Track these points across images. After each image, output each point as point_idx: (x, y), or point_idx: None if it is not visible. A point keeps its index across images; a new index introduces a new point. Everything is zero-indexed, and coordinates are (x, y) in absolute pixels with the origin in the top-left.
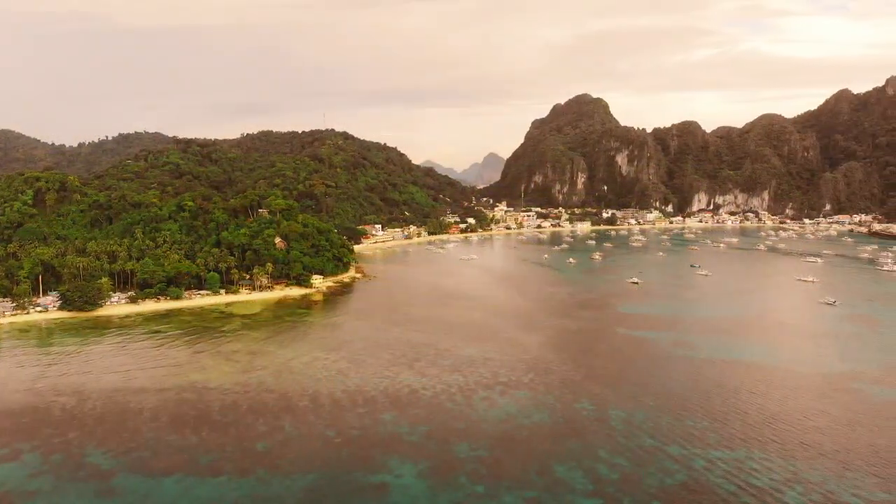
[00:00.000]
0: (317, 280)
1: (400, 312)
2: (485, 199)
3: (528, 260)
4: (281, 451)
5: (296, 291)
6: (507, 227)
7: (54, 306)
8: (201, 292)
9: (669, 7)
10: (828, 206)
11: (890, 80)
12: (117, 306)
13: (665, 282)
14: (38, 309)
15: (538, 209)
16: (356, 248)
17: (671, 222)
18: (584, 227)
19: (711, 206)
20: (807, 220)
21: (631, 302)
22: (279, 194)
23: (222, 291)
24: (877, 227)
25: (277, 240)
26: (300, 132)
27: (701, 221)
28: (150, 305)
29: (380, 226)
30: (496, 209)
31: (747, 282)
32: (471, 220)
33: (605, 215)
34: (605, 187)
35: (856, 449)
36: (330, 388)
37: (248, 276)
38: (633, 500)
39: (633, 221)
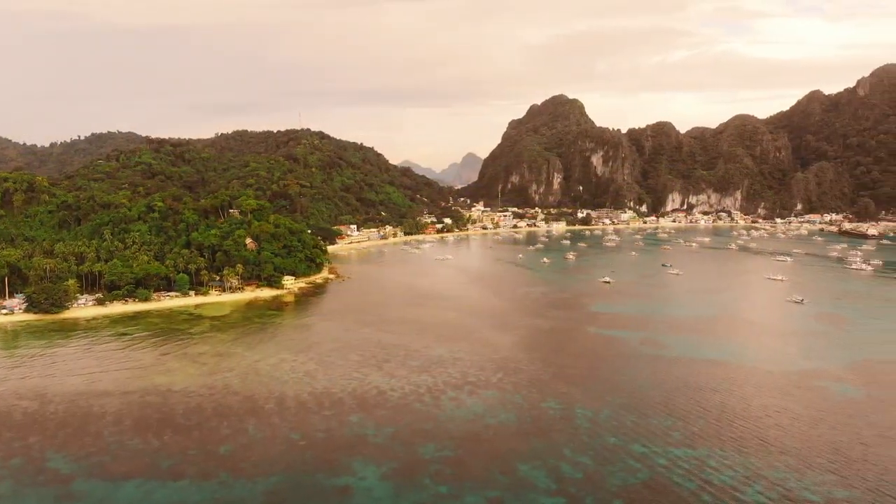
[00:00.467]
0: (288, 281)
1: (372, 313)
2: (462, 199)
3: (503, 260)
4: (244, 454)
5: (266, 293)
6: (484, 228)
7: (20, 309)
8: (170, 294)
9: (648, 8)
10: (799, 206)
11: (860, 81)
12: (84, 308)
13: (636, 281)
14: (4, 311)
15: (515, 209)
16: (331, 248)
17: (645, 222)
18: (559, 227)
19: (685, 206)
20: (778, 220)
21: (602, 301)
22: (251, 194)
23: (192, 293)
24: (847, 226)
25: (248, 240)
26: (275, 132)
27: (674, 221)
28: (117, 307)
29: (355, 226)
30: (473, 209)
31: (717, 281)
32: (447, 221)
33: (580, 215)
34: (581, 187)
35: (817, 447)
36: (296, 391)
37: (218, 278)
38: (596, 500)
39: (607, 221)
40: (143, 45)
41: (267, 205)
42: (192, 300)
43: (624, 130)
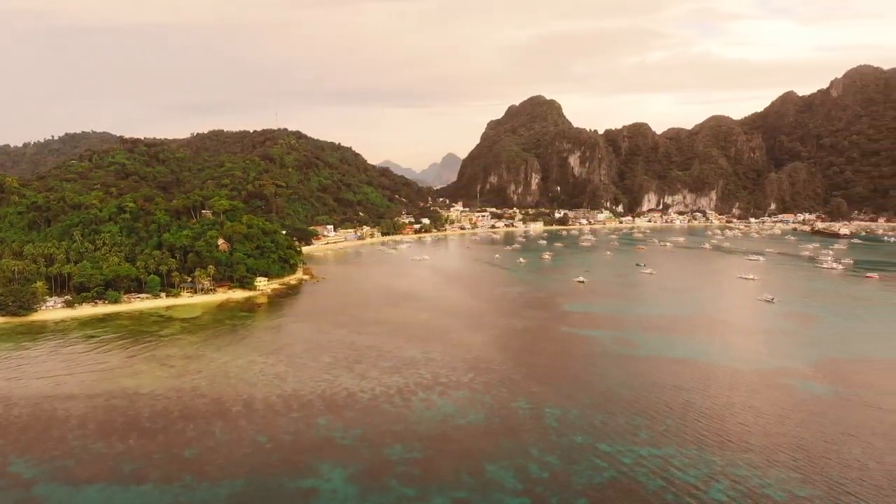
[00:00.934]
0: (261, 282)
1: (346, 314)
2: (441, 199)
3: (480, 260)
4: (209, 457)
5: (239, 294)
6: (462, 228)
7: None
8: (141, 296)
9: (626, 10)
10: (773, 206)
11: (833, 82)
12: (53, 311)
13: (610, 280)
14: None
15: (493, 209)
16: (307, 249)
17: (621, 222)
18: (536, 228)
19: (661, 206)
20: (752, 220)
21: (576, 301)
22: (223, 195)
23: (163, 295)
24: (819, 225)
25: (220, 241)
26: (252, 131)
27: (650, 221)
28: (86, 310)
29: (332, 226)
30: (452, 210)
31: (690, 280)
32: (425, 221)
33: (557, 215)
34: (559, 188)
35: (782, 444)
36: (265, 393)
37: (189, 279)
38: (561, 499)
39: (584, 221)
40: (119, 44)
41: (240, 205)
42: (163, 302)
43: (601, 131)
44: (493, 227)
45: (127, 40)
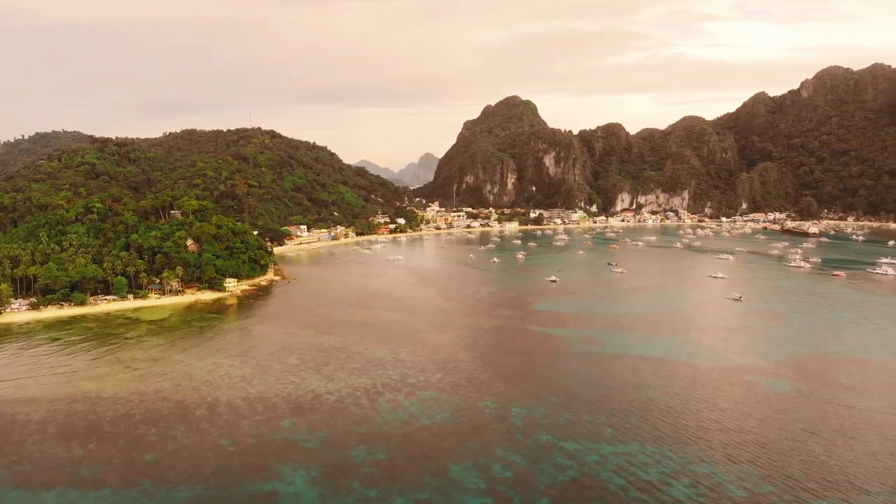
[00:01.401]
0: (231, 283)
1: (316, 315)
2: (418, 199)
3: (454, 260)
4: (170, 461)
5: (208, 296)
6: (437, 228)
7: None
8: (108, 297)
9: (604, 11)
10: (744, 205)
11: (804, 83)
12: (17, 313)
13: (582, 280)
14: None
15: (469, 209)
16: (279, 249)
17: (595, 222)
18: (511, 227)
19: (634, 206)
20: (724, 219)
21: (547, 300)
22: (192, 194)
23: (130, 296)
24: (789, 224)
25: (189, 242)
26: (226, 131)
27: (623, 221)
28: (52, 312)
29: (305, 227)
30: (428, 209)
31: (660, 278)
32: (401, 221)
33: (532, 215)
34: (534, 188)
35: (744, 441)
36: (230, 396)
37: (157, 281)
38: (524, 499)
39: (558, 221)
40: (92, 43)
41: (210, 205)
42: (131, 304)
43: (577, 132)
44: (468, 226)
45: (100, 38)
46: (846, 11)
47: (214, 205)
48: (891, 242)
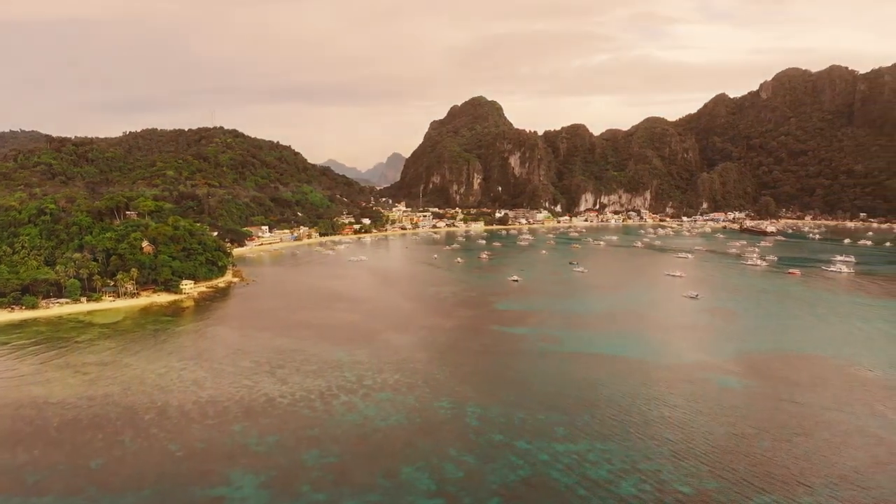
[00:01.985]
0: (187, 285)
1: (273, 317)
2: (384, 199)
3: (418, 260)
4: (116, 467)
5: (164, 298)
6: (403, 228)
7: None
8: (60, 301)
9: (569, 13)
10: (705, 205)
11: (763, 84)
12: None
13: (543, 279)
14: None
15: (435, 209)
16: (240, 250)
17: (559, 221)
18: (477, 227)
19: (597, 206)
20: (685, 218)
21: (508, 299)
22: (150, 195)
23: (83, 299)
24: (748, 223)
25: (145, 243)
26: (187, 130)
27: (586, 220)
28: (2, 316)
29: (267, 227)
30: (394, 209)
31: (619, 277)
32: (366, 221)
33: (498, 215)
34: (500, 188)
35: (693, 438)
36: (181, 400)
37: (111, 283)
38: (475, 499)
39: (523, 221)
40: (49, 39)
41: (168, 206)
42: (84, 307)
43: (542, 132)
44: (434, 227)
45: (57, 35)
46: (804, 14)
47: (174, 206)
48: (846, 241)
